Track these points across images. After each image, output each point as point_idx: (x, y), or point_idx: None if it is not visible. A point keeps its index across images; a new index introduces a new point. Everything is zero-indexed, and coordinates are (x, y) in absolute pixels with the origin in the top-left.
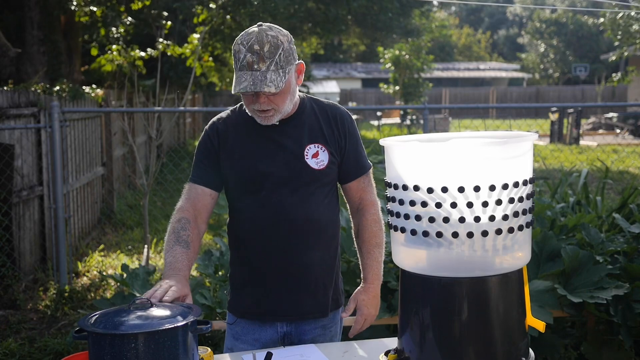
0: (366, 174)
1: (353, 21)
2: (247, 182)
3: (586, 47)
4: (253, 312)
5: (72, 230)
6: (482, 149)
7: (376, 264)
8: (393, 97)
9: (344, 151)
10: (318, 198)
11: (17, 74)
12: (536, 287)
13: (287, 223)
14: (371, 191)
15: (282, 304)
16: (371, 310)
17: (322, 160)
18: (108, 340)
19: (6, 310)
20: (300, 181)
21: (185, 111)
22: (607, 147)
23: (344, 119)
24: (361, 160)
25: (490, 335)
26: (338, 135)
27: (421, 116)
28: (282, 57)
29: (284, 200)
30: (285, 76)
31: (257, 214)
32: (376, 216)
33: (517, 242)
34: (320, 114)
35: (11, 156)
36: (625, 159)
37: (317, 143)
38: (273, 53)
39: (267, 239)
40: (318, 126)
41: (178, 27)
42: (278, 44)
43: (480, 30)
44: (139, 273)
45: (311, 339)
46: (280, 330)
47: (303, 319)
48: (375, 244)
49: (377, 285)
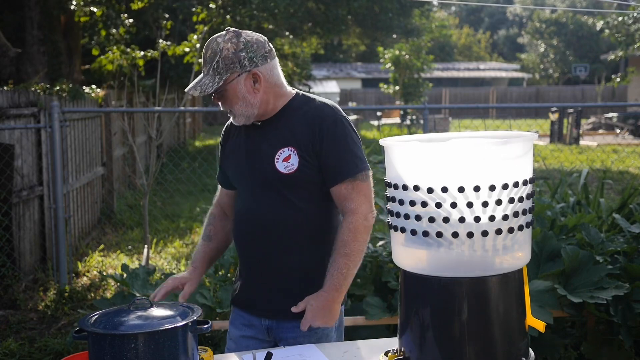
0: (351, 180)
1: (353, 21)
2: (234, 180)
3: (586, 47)
4: (239, 302)
5: (72, 230)
6: (482, 149)
7: (337, 274)
8: (393, 97)
9: (321, 155)
10: (291, 201)
11: (17, 74)
12: (536, 287)
13: (259, 225)
14: (355, 198)
15: (260, 301)
16: (316, 319)
17: (292, 164)
18: (108, 340)
19: (6, 310)
20: (269, 184)
21: (185, 111)
22: (607, 147)
23: (322, 122)
24: (343, 165)
25: (490, 335)
26: (313, 139)
27: (421, 116)
28: (221, 63)
29: (257, 203)
30: (218, 82)
31: (240, 214)
32: (352, 225)
33: (517, 242)
34: (303, 115)
35: (11, 156)
36: (625, 159)
37: (290, 146)
38: (212, 59)
39: (244, 239)
40: (295, 129)
41: (178, 27)
42: (217, 51)
43: (480, 30)
44: (139, 273)
45: (293, 337)
46: (264, 323)
47: (279, 318)
48: (342, 253)
49: (331, 296)
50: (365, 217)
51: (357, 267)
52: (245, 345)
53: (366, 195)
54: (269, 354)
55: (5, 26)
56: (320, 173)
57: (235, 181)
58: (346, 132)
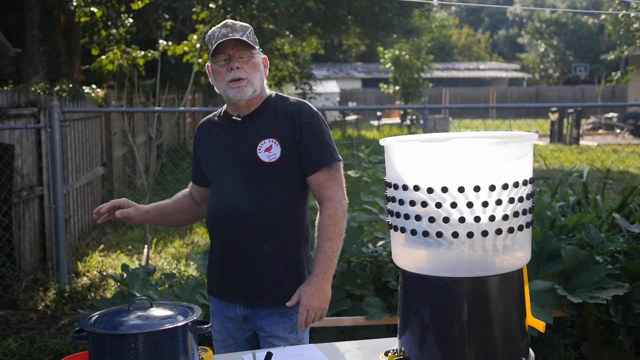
0: (327, 169)
1: (353, 21)
2: (210, 174)
3: (586, 47)
4: (215, 289)
5: (72, 230)
6: (482, 149)
7: (324, 257)
8: (393, 97)
9: (300, 145)
10: (272, 190)
11: (17, 74)
12: (536, 287)
13: (239, 213)
14: (331, 186)
15: (235, 287)
16: (312, 302)
17: (274, 153)
18: (108, 341)
19: (6, 310)
20: (252, 174)
21: (185, 111)
22: (607, 147)
23: (301, 114)
24: (320, 155)
25: (490, 335)
26: (293, 130)
27: (421, 116)
28: (251, 36)
29: (237, 192)
30: (256, 45)
31: (216, 204)
32: (331, 210)
33: (517, 242)
34: (281, 109)
35: (11, 156)
36: (625, 159)
37: (272, 137)
38: (245, 28)
39: (222, 226)
40: (276, 121)
41: (178, 27)
42: (246, 26)
43: (480, 30)
44: (139, 273)
45: (268, 324)
46: (239, 312)
47: (256, 304)
48: (326, 237)
49: (321, 278)
50: (341, 203)
51: (339, 249)
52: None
53: (340, 183)
54: (269, 354)
55: (5, 26)
56: (299, 163)
57: (214, 175)
58: (322, 125)
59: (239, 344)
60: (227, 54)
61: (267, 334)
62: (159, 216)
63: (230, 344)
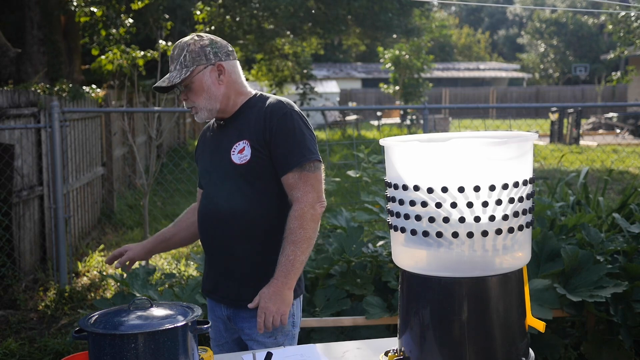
0: (299, 169)
1: (353, 21)
2: (200, 178)
3: (586, 47)
4: (204, 288)
5: (72, 230)
6: (482, 149)
7: (285, 261)
8: (393, 97)
9: (270, 145)
10: (246, 193)
11: (17, 74)
12: (536, 285)
13: (216, 215)
14: (301, 187)
15: (218, 288)
16: (269, 305)
17: (245, 155)
18: (108, 341)
19: (6, 310)
20: (227, 176)
21: (185, 111)
22: (607, 147)
23: (272, 115)
24: (291, 156)
25: (490, 335)
26: (264, 130)
27: (421, 116)
28: (188, 57)
29: (216, 194)
30: (185, 73)
31: (201, 206)
32: (298, 213)
33: (517, 242)
34: (257, 111)
35: (11, 156)
36: (625, 159)
37: (244, 139)
38: (179, 55)
39: (204, 229)
40: (249, 123)
41: (178, 27)
42: (184, 47)
43: (480, 30)
44: (139, 273)
45: (248, 327)
46: (224, 312)
47: (236, 305)
48: (290, 240)
49: (281, 282)
50: (312, 206)
51: (305, 254)
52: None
53: (313, 185)
54: (269, 354)
55: (5, 26)
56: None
57: (202, 178)
58: (295, 125)
59: (229, 344)
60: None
61: (247, 337)
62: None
63: (222, 342)
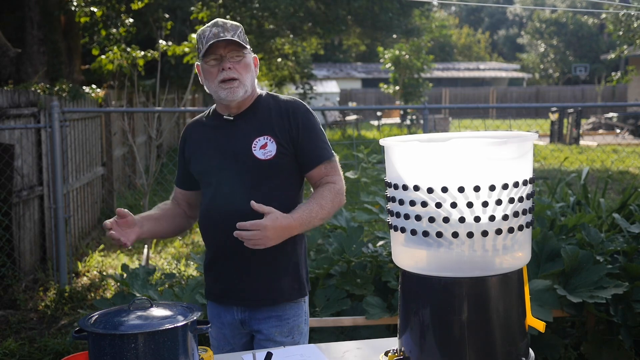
0: (328, 162)
1: (353, 21)
2: (203, 176)
3: (586, 47)
4: (212, 293)
5: (72, 230)
6: (482, 149)
7: (308, 212)
8: (393, 97)
9: (298, 142)
10: (267, 189)
11: (17, 74)
12: (536, 286)
13: (236, 213)
14: (334, 174)
15: (233, 289)
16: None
17: (269, 151)
18: (108, 341)
19: (6, 310)
20: (248, 172)
21: (185, 111)
22: (607, 147)
23: (296, 112)
24: (319, 150)
25: (490, 335)
26: (289, 127)
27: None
28: (242, 36)
29: (233, 191)
30: (247, 44)
31: (211, 204)
32: (335, 189)
33: (517, 242)
34: (274, 107)
35: (11, 156)
36: (625, 159)
37: (266, 135)
38: (235, 27)
39: (218, 227)
40: (269, 119)
41: (178, 27)
42: (237, 25)
43: (480, 30)
44: (139, 273)
45: (266, 328)
46: (237, 316)
47: (253, 305)
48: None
49: (294, 224)
50: (343, 193)
51: (321, 221)
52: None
53: (340, 174)
54: (269, 354)
55: (5, 26)
56: (295, 160)
57: (206, 176)
58: (316, 122)
59: (235, 350)
60: (218, 54)
61: (264, 337)
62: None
63: (227, 350)
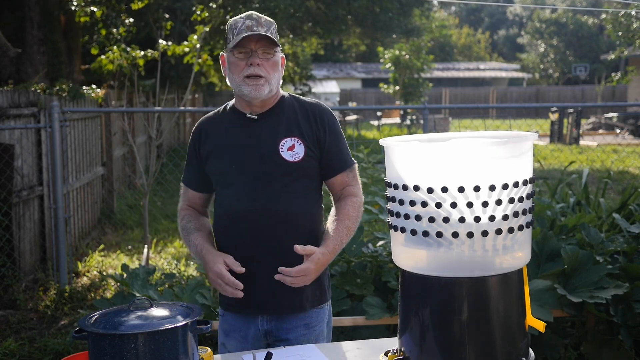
0: (350, 169)
1: (353, 21)
2: (224, 176)
3: (586, 47)
4: (234, 304)
5: (72, 230)
6: (482, 149)
7: (338, 239)
8: (393, 97)
9: (324, 146)
10: (293, 191)
11: (17, 74)
12: (536, 286)
13: (261, 215)
14: (355, 184)
15: (258, 297)
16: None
17: (297, 153)
18: (108, 341)
19: (6, 310)
20: (275, 174)
21: (185, 111)
22: (607, 147)
23: (323, 115)
24: (344, 156)
25: (491, 335)
26: (317, 130)
27: (421, 116)
28: (275, 32)
29: (258, 193)
30: (277, 39)
31: (233, 207)
32: (357, 204)
33: (517, 242)
34: (299, 109)
35: (11, 156)
36: (625, 159)
37: (293, 136)
38: (269, 24)
39: (241, 231)
40: (295, 121)
41: (178, 27)
42: (272, 22)
43: (480, 30)
44: (139, 273)
45: (294, 338)
46: (262, 327)
47: (280, 313)
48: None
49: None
50: (362, 203)
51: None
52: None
53: (360, 183)
54: (269, 354)
55: (5, 26)
56: (319, 164)
57: (226, 176)
58: (340, 127)
59: None
60: (248, 47)
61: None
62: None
63: None
